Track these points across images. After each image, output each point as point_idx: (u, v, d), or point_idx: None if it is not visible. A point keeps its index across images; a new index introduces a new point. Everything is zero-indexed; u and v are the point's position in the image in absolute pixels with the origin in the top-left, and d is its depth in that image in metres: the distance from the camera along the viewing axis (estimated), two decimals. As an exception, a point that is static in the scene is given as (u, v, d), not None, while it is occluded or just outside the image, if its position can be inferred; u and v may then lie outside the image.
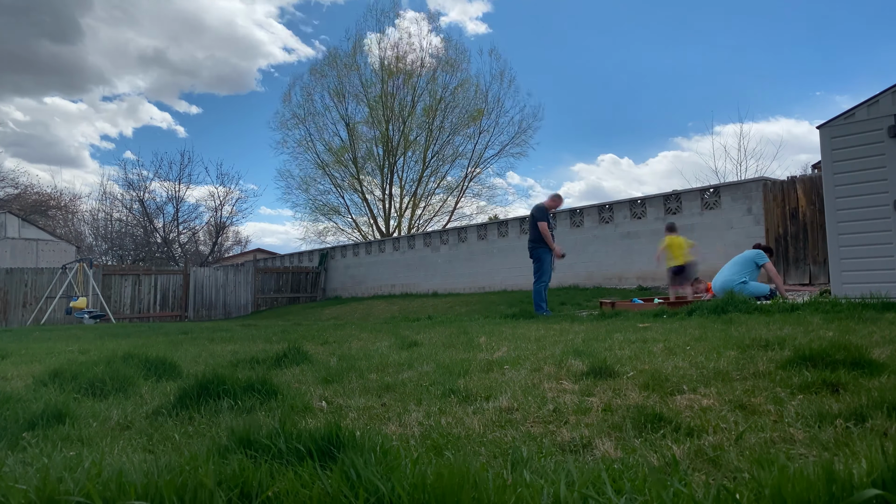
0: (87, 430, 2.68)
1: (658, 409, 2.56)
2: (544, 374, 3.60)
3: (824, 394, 2.72)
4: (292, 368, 4.36)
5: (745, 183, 12.96)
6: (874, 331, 4.46)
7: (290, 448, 1.93)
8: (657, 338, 4.88)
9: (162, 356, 4.50)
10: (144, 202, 36.64)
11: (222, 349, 6.06)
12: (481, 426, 2.52)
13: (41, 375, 3.90)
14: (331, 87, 33.13)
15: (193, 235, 39.37)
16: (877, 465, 1.45)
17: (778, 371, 3.20)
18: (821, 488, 1.39)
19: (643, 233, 14.54)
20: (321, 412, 2.91)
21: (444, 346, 5.39)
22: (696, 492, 1.50)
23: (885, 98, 8.29)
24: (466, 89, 32.68)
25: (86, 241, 37.83)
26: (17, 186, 37.04)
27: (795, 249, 11.69)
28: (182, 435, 2.56)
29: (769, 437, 2.16)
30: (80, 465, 1.82)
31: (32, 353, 6.06)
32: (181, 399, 3.06)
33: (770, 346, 3.99)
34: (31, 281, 19.29)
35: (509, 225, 18.24)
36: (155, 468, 1.72)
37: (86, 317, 17.25)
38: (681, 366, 3.56)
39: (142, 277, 21.62)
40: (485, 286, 18.24)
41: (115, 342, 7.29)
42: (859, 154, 8.45)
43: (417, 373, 3.91)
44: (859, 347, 3.40)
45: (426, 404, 2.97)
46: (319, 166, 34.05)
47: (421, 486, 1.54)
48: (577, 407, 2.75)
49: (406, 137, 33.03)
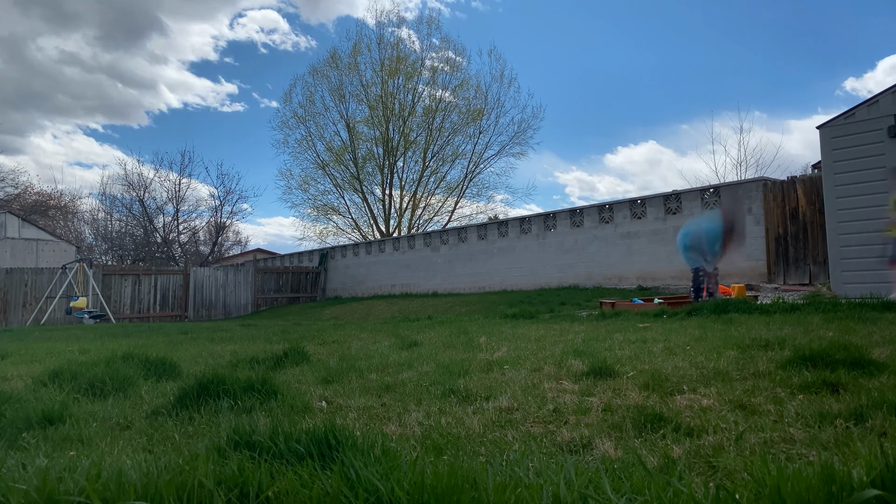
0: (86, 430, 2.68)
1: (658, 409, 2.56)
2: (544, 374, 3.60)
3: (824, 394, 2.72)
4: (292, 368, 4.36)
5: (745, 183, 12.96)
6: (874, 331, 4.46)
7: (290, 448, 1.93)
8: (657, 338, 4.88)
9: (162, 356, 4.50)
10: (144, 202, 36.68)
11: (222, 349, 6.06)
12: (481, 426, 2.52)
13: (41, 375, 3.90)
14: (331, 87, 33.17)
15: (193, 235, 39.40)
16: (876, 465, 1.45)
17: (778, 371, 3.20)
18: (820, 488, 1.39)
19: (643, 233, 14.54)
20: (321, 412, 2.91)
21: (444, 346, 5.39)
22: (695, 492, 1.50)
23: (885, 98, 8.30)
24: (466, 89, 32.72)
25: (86, 241, 37.86)
26: (17, 186, 37.06)
27: (795, 249, 11.69)
28: (182, 435, 2.56)
29: (769, 437, 2.16)
30: (80, 465, 1.82)
31: (32, 354, 6.06)
32: (181, 399, 3.06)
33: (770, 346, 3.99)
34: (31, 281, 19.28)
35: (509, 225, 18.24)
36: (154, 468, 1.72)
37: (86, 317, 17.25)
38: (681, 366, 3.56)
39: (142, 277, 21.61)
40: (485, 286, 18.24)
41: (115, 342, 7.29)
42: (859, 154, 8.45)
43: (417, 373, 3.91)
44: (859, 347, 3.41)
45: (426, 404, 2.97)
46: (319, 166, 34.08)
47: (420, 486, 1.54)
48: (577, 407, 2.75)
49: (406, 137, 33.03)
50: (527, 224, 17.54)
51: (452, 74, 32.89)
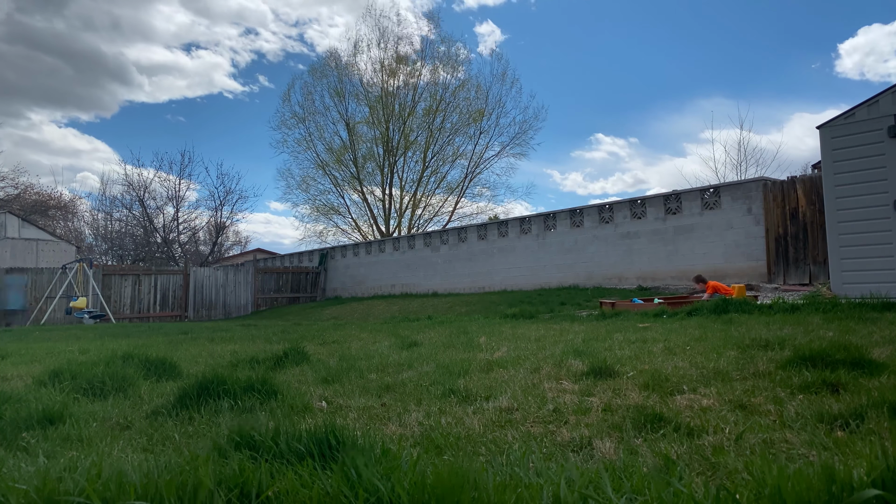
0: (86, 430, 2.68)
1: (658, 409, 2.56)
2: (544, 374, 3.60)
3: (824, 394, 2.72)
4: (292, 368, 4.36)
5: (745, 183, 12.96)
6: (874, 331, 4.46)
7: (290, 448, 1.93)
8: (657, 338, 4.88)
9: (162, 356, 4.50)
10: (144, 202, 36.66)
11: (222, 349, 6.06)
12: (481, 426, 2.52)
13: (41, 375, 3.90)
14: (331, 86, 33.15)
15: (193, 235, 39.37)
16: (876, 465, 1.45)
17: (778, 371, 3.20)
18: (821, 488, 1.39)
19: (643, 233, 14.54)
20: (321, 412, 2.91)
21: (444, 346, 5.39)
22: (695, 492, 1.50)
23: (884, 98, 8.29)
24: (467, 90, 32.70)
25: (86, 241, 37.84)
26: (17, 186, 37.04)
27: (795, 249, 11.69)
28: (182, 435, 2.56)
29: (769, 437, 2.16)
30: (80, 465, 1.82)
31: (32, 354, 6.06)
32: (181, 399, 3.06)
33: (770, 346, 3.99)
34: (31, 281, 19.28)
35: (509, 225, 18.24)
36: (154, 468, 1.72)
37: (86, 317, 17.25)
38: (681, 366, 3.56)
39: (142, 277, 21.60)
40: (485, 286, 18.24)
41: (114, 342, 7.29)
42: (859, 154, 8.45)
43: (417, 373, 3.91)
44: (859, 347, 3.41)
45: (426, 404, 2.97)
46: (319, 166, 34.06)
47: (421, 486, 1.53)
48: (577, 407, 2.75)
49: (406, 137, 33.02)
50: (527, 224, 17.54)
51: (453, 75, 32.89)
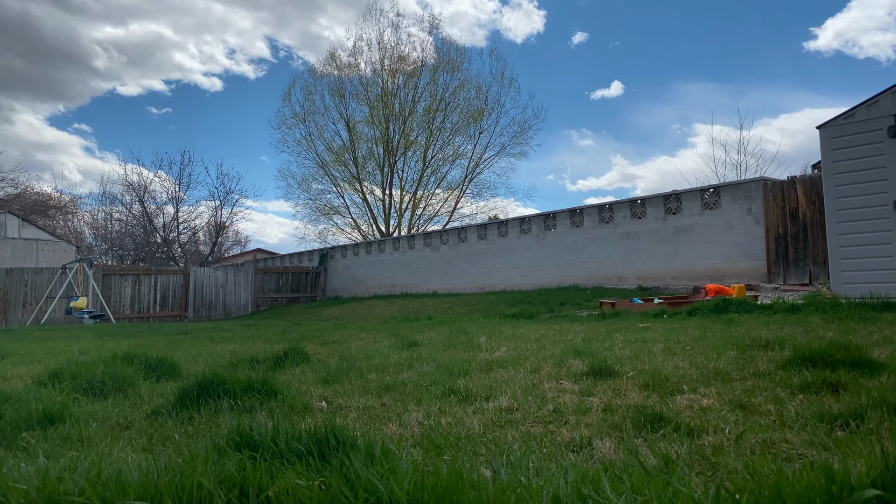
0: (86, 430, 2.68)
1: (658, 409, 2.56)
2: (544, 374, 3.60)
3: (824, 394, 2.72)
4: (292, 368, 4.35)
5: (745, 183, 12.96)
6: (874, 331, 4.46)
7: (290, 448, 1.93)
8: (657, 338, 4.88)
9: (162, 356, 4.50)
10: (144, 202, 36.66)
11: (222, 349, 6.06)
12: (481, 426, 2.52)
13: (41, 376, 3.90)
14: (331, 86, 33.16)
15: (193, 235, 39.38)
16: (876, 465, 1.45)
17: (778, 371, 3.20)
18: (820, 488, 1.39)
19: (643, 233, 14.54)
20: (321, 412, 2.91)
21: (443, 346, 5.39)
22: (695, 492, 1.50)
23: (884, 98, 8.29)
24: (467, 90, 32.70)
25: (86, 241, 37.84)
26: (17, 186, 37.04)
27: (795, 249, 11.69)
28: (182, 435, 2.56)
29: (769, 437, 2.16)
30: (80, 465, 1.82)
31: (32, 354, 6.06)
32: (181, 399, 3.06)
33: (770, 346, 3.99)
34: (31, 281, 19.27)
35: (509, 225, 18.24)
36: (154, 468, 1.72)
37: (86, 317, 17.24)
38: (681, 366, 3.56)
39: (142, 277, 21.60)
40: (485, 286, 18.24)
41: (114, 342, 7.29)
42: (859, 154, 8.45)
43: (417, 373, 3.91)
44: (859, 347, 3.41)
45: (426, 404, 2.97)
46: (320, 166, 34.07)
47: (420, 486, 1.53)
48: (577, 407, 2.75)
49: (406, 137, 33.02)
50: (527, 224, 17.54)
51: (453, 74, 32.89)
